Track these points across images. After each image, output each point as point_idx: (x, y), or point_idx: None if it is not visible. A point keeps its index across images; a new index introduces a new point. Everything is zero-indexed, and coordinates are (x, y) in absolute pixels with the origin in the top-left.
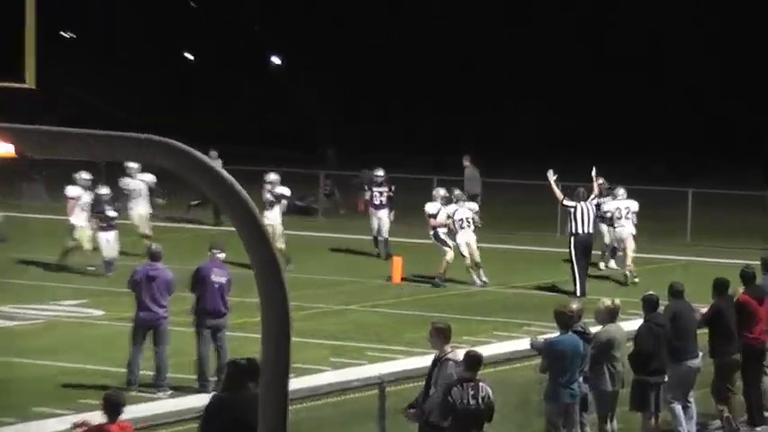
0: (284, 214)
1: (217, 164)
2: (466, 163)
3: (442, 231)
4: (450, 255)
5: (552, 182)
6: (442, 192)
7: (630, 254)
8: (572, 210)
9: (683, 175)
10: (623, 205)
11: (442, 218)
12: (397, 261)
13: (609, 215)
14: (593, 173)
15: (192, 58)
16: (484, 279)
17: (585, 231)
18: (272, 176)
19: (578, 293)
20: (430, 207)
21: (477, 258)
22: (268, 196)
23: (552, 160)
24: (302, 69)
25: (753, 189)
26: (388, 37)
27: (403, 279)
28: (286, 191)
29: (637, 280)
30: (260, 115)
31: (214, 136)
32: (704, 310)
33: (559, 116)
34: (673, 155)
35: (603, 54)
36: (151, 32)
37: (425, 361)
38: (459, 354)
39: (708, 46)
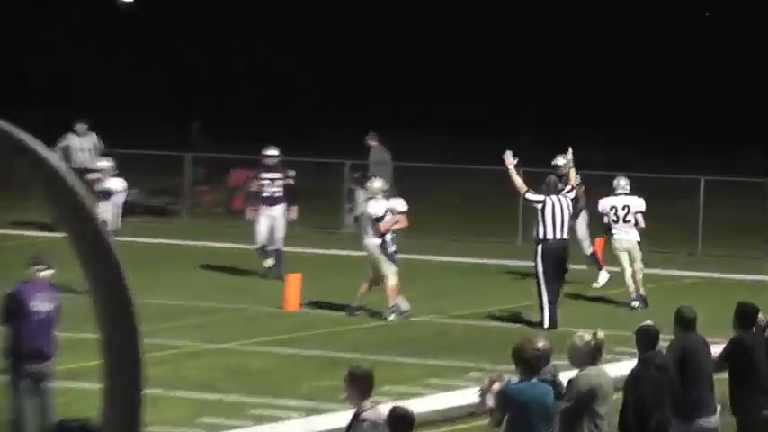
0: (129, 215)
1: (89, 139)
2: (372, 142)
3: (389, 238)
4: (394, 275)
5: (511, 168)
6: (378, 183)
7: (640, 268)
8: (539, 206)
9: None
10: (621, 203)
11: (390, 219)
12: (294, 280)
13: (605, 219)
14: (569, 155)
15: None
16: (392, 312)
17: (557, 236)
18: (103, 163)
19: (546, 324)
20: (375, 207)
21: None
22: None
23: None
24: (302, 69)
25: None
26: (388, 37)
27: (301, 305)
28: (117, 184)
29: (635, 304)
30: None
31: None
32: (721, 347)
33: (559, 116)
34: (672, 156)
35: (603, 54)
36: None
37: (334, 421)
38: (382, 411)
39: (708, 46)
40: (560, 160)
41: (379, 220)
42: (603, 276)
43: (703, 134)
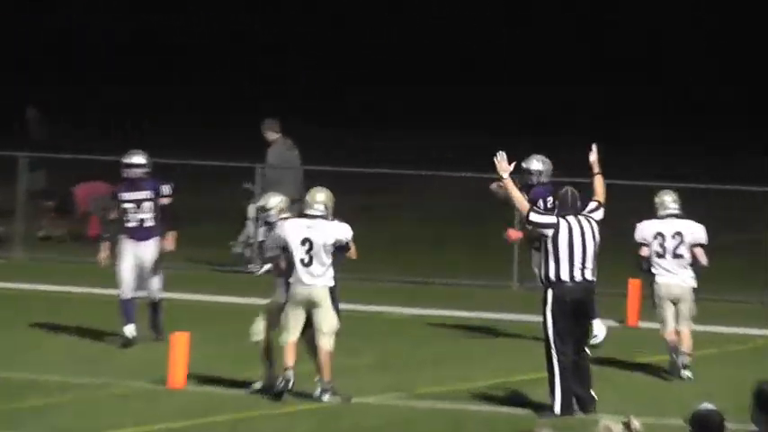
0: None
1: None
2: (272, 135)
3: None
4: (333, 335)
5: (505, 176)
6: (322, 195)
7: (687, 328)
8: (549, 231)
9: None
10: (670, 230)
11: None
12: (179, 343)
13: (643, 251)
14: (593, 155)
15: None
16: (326, 391)
17: (576, 277)
18: None
19: (558, 408)
20: (343, 230)
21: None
22: None
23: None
24: (302, 69)
25: None
26: (388, 37)
27: (188, 380)
28: None
29: (689, 374)
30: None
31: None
32: None
33: (559, 116)
34: (674, 157)
35: (603, 54)
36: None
37: None
38: None
39: (708, 46)
40: (536, 164)
41: (346, 247)
42: (599, 328)
43: (703, 134)
